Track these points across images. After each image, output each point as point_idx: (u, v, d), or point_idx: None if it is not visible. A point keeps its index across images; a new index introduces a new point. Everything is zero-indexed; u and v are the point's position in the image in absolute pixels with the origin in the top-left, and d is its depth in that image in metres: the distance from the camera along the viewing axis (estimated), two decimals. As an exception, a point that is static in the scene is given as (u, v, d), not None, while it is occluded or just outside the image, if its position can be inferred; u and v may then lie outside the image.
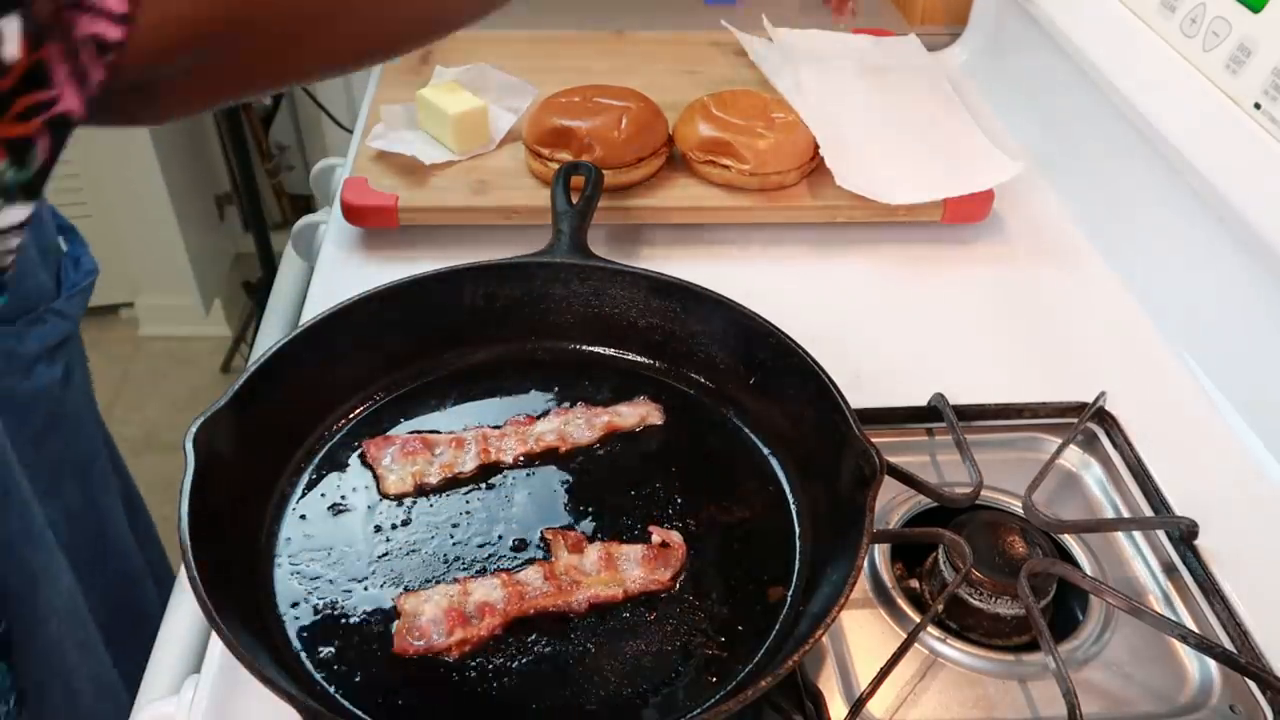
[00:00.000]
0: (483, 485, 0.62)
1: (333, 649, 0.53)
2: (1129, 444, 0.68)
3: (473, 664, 0.53)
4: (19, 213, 0.35)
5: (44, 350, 0.74)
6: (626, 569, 0.57)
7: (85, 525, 0.81)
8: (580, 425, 0.65)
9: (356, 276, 0.76)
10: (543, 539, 0.59)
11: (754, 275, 0.83)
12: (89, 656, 0.74)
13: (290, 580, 0.56)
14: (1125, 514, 0.66)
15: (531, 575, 0.56)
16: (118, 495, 0.88)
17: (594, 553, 0.57)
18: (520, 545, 0.59)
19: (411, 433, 0.64)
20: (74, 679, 0.72)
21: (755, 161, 0.84)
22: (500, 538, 0.59)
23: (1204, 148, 0.73)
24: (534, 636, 0.54)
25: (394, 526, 0.59)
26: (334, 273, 0.83)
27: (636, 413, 0.66)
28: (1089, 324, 0.82)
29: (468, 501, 0.61)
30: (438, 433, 0.64)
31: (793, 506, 0.62)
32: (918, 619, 0.57)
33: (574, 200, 0.75)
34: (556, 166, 0.81)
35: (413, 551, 0.58)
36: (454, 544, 0.59)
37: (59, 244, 0.79)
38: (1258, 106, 0.67)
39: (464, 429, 0.65)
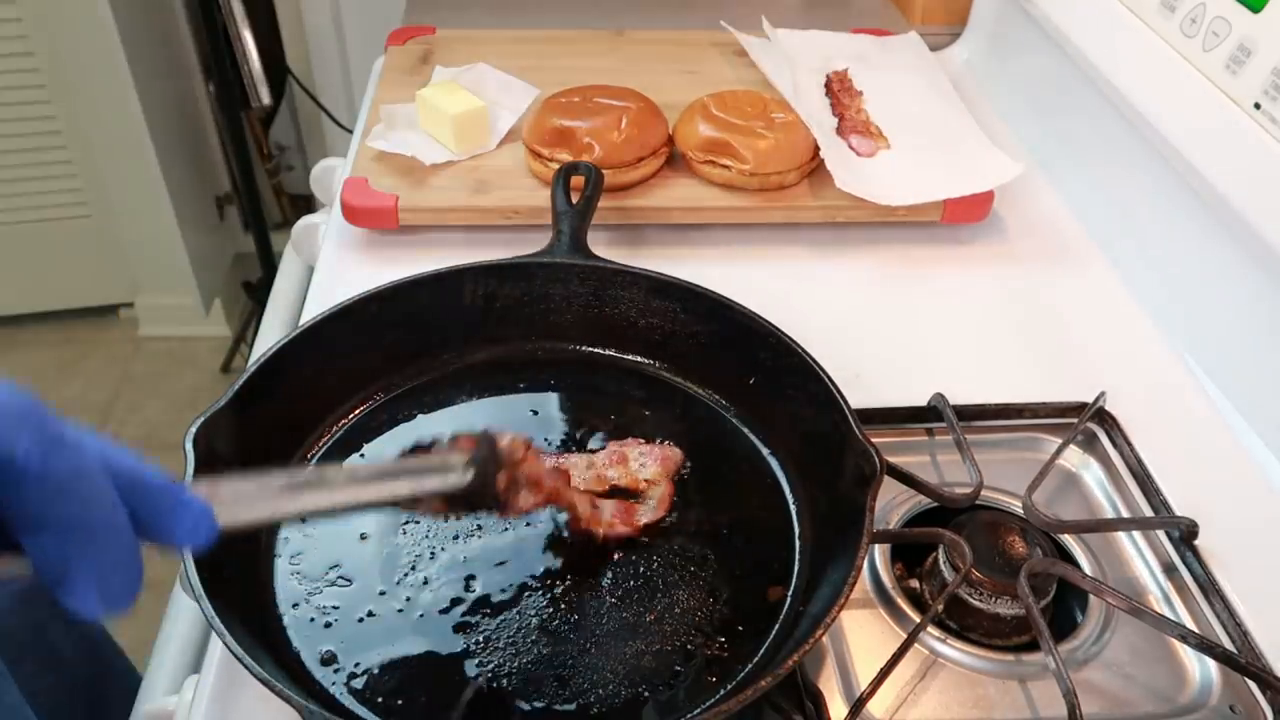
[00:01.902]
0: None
1: (333, 649, 0.53)
2: (1129, 444, 0.68)
3: (473, 664, 0.53)
4: None
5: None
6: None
7: None
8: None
9: (356, 276, 0.76)
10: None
11: (754, 275, 0.83)
12: None
13: (290, 580, 0.56)
14: (1125, 514, 0.66)
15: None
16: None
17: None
18: (529, 526, 0.59)
19: None
20: None
21: (755, 161, 0.84)
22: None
23: (1204, 148, 0.73)
24: (535, 636, 0.54)
25: (396, 526, 0.59)
26: (334, 273, 0.83)
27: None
28: (1089, 324, 0.82)
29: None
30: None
31: (793, 506, 0.62)
32: (918, 619, 0.57)
33: (574, 200, 0.75)
34: (556, 166, 0.81)
35: (415, 551, 0.58)
36: (454, 540, 0.58)
37: None
38: (1258, 106, 0.67)
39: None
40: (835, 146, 0.88)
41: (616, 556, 0.58)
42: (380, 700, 0.51)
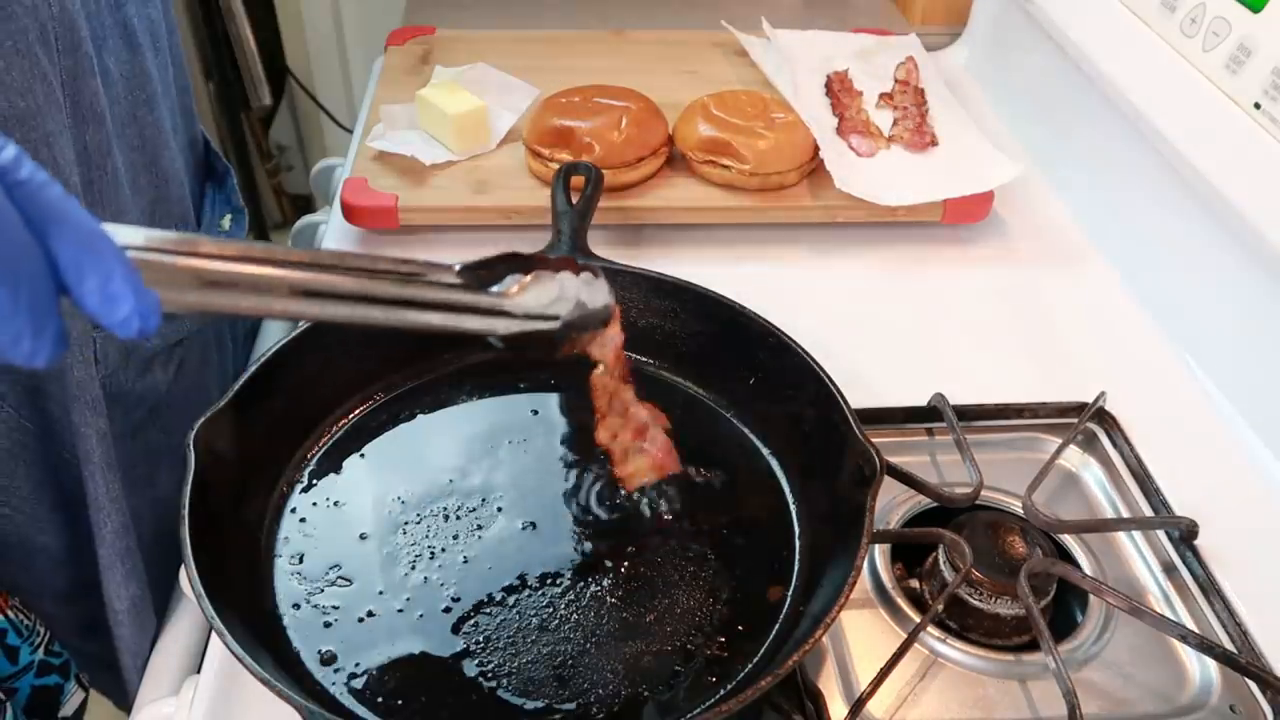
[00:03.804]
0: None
1: (333, 649, 0.53)
2: (1129, 444, 0.68)
3: (473, 664, 0.53)
4: None
5: (165, 347, 0.69)
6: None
7: (172, 511, 0.78)
8: None
9: (356, 276, 0.76)
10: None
11: (754, 275, 0.83)
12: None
13: (290, 580, 0.56)
14: (1125, 514, 0.66)
15: None
16: None
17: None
18: (530, 526, 0.59)
19: None
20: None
21: (755, 161, 0.84)
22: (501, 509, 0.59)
23: (1204, 148, 0.73)
24: (535, 636, 0.54)
25: (396, 526, 0.59)
26: (334, 273, 0.83)
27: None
28: (1089, 324, 0.82)
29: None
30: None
31: (793, 506, 0.62)
32: (918, 619, 0.57)
33: (574, 200, 0.75)
34: (556, 166, 0.81)
35: (415, 551, 0.58)
36: (454, 539, 0.59)
37: (192, 224, 0.74)
38: (1258, 106, 0.67)
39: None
40: (835, 146, 0.88)
41: (618, 557, 0.58)
42: (380, 700, 0.51)
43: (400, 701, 0.51)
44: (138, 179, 0.65)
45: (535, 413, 0.68)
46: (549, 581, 0.57)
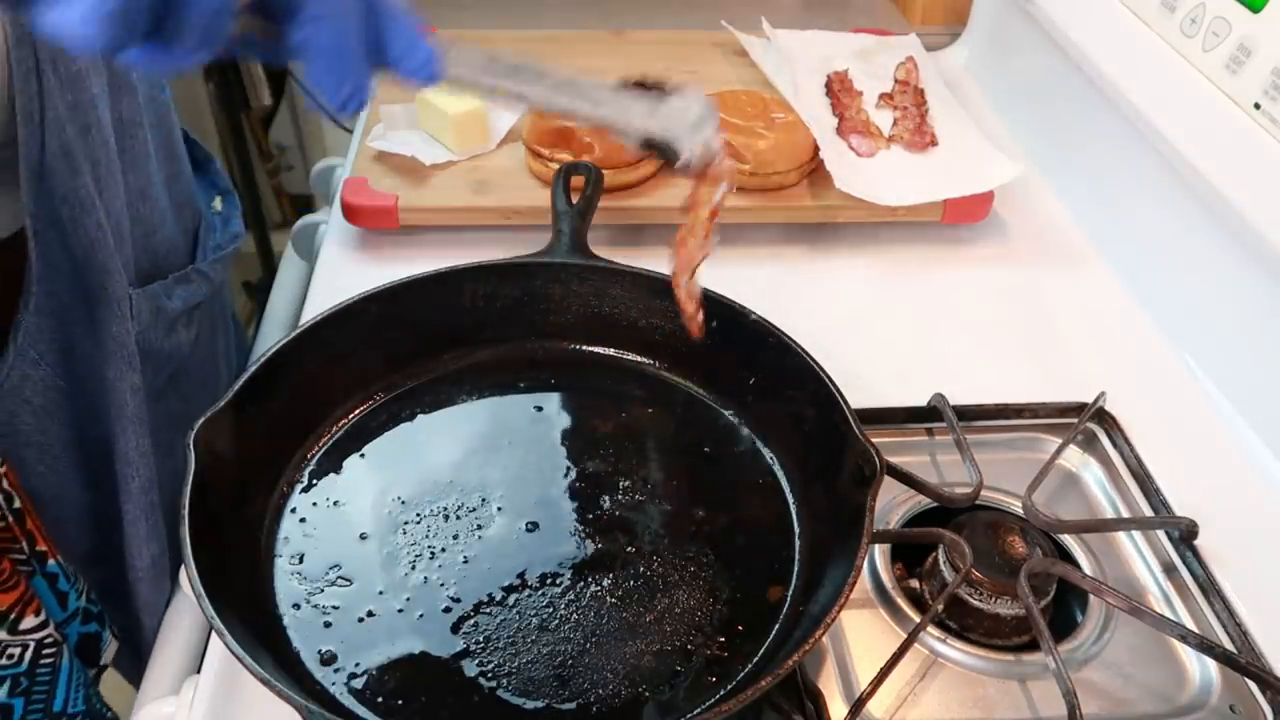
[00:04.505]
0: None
1: (333, 649, 0.53)
2: (1129, 444, 0.68)
3: (473, 664, 0.53)
4: None
5: (185, 310, 0.72)
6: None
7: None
8: None
9: (356, 276, 0.76)
10: None
11: (754, 275, 0.83)
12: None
13: (290, 580, 0.56)
14: (1125, 514, 0.66)
15: None
16: None
17: None
18: (533, 527, 0.59)
19: None
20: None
21: (755, 161, 0.84)
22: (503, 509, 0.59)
23: (1204, 148, 0.73)
24: (535, 636, 0.54)
25: (396, 526, 0.59)
26: (334, 273, 0.83)
27: None
28: (1089, 324, 0.82)
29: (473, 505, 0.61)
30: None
31: (793, 506, 0.62)
32: (918, 619, 0.57)
33: (574, 200, 0.75)
34: (556, 166, 0.81)
35: (415, 551, 0.58)
36: (454, 539, 0.59)
37: (198, 204, 0.78)
38: (1258, 106, 0.67)
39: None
40: (835, 147, 0.88)
41: (618, 557, 0.58)
42: (380, 700, 0.51)
43: (400, 701, 0.51)
44: (158, 151, 0.70)
45: (536, 411, 0.68)
46: (549, 581, 0.57)
